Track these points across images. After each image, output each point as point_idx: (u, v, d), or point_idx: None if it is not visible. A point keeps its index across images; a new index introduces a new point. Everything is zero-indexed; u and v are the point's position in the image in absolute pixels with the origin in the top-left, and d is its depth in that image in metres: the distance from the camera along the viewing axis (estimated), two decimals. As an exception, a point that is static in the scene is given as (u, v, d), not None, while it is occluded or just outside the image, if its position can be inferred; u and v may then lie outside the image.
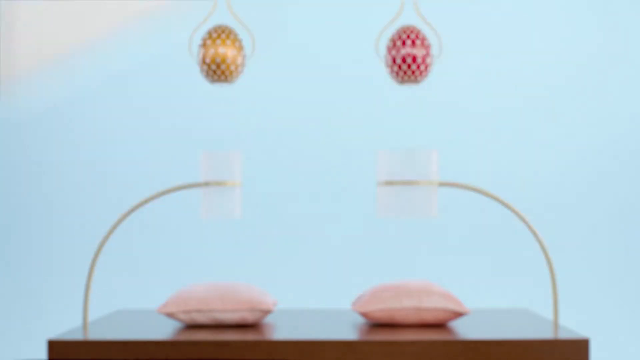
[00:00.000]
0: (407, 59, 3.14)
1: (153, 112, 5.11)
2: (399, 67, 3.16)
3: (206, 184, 3.14)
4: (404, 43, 3.15)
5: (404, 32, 3.17)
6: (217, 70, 3.22)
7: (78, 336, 2.84)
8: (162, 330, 2.96)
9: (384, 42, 3.87)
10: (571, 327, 4.41)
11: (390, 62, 3.18)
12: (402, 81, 3.19)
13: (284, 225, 5.09)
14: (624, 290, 5.07)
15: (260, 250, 5.09)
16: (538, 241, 3.12)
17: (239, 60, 3.25)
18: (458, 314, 3.05)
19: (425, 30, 4.00)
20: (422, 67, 3.16)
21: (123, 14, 5.14)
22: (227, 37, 3.24)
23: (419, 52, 3.14)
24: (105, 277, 4.88)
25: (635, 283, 5.08)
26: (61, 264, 5.07)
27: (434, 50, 3.85)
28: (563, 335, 2.82)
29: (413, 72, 3.16)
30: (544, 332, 2.88)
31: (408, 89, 4.93)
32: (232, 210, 3.14)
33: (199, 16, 5.41)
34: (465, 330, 2.95)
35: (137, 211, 4.13)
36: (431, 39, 4.26)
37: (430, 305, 3.02)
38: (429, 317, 3.04)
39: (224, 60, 3.21)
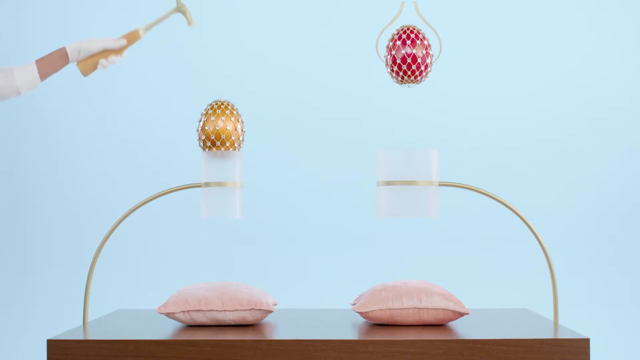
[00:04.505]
0: (407, 59, 3.14)
1: (153, 112, 5.10)
2: (399, 67, 3.16)
3: (206, 184, 3.14)
4: (404, 43, 3.15)
5: (404, 32, 3.17)
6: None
7: (78, 336, 2.84)
8: (162, 330, 2.96)
9: (384, 42, 3.87)
10: (571, 327, 4.42)
11: (390, 62, 3.18)
12: (402, 81, 3.19)
13: (283, 225, 5.09)
14: (624, 290, 5.07)
15: (260, 250, 5.09)
16: (538, 241, 3.12)
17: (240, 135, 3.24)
18: (458, 314, 3.05)
19: (425, 30, 4.00)
20: (422, 67, 3.16)
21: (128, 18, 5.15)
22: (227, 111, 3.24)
23: (419, 52, 3.14)
24: (105, 277, 4.88)
25: (636, 283, 5.08)
26: (61, 263, 5.07)
27: (433, 50, 3.85)
28: (563, 335, 2.82)
29: (413, 72, 3.16)
30: (544, 332, 2.88)
31: (408, 89, 4.93)
32: (232, 210, 3.14)
33: (196, 15, 5.43)
34: (465, 330, 2.95)
35: (137, 211, 4.13)
36: (431, 39, 4.26)
37: (430, 305, 3.02)
38: (429, 317, 3.04)
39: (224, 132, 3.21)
